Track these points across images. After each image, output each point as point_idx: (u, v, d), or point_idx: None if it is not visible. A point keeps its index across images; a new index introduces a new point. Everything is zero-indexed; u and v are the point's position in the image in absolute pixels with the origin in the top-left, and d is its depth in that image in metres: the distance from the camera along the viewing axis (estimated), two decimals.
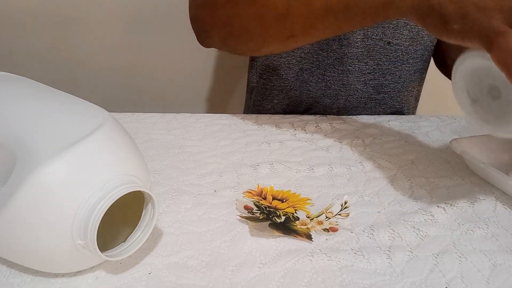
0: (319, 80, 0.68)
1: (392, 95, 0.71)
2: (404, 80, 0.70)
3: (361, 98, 0.70)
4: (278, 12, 0.46)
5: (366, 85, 0.68)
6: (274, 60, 0.69)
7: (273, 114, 0.72)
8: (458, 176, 0.51)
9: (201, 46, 0.60)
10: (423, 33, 0.66)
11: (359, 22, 0.44)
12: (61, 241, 0.29)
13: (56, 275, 0.33)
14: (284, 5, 0.45)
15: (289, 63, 0.68)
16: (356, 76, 0.67)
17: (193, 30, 0.57)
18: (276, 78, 0.70)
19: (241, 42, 0.53)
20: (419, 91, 0.77)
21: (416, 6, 0.39)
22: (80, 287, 0.32)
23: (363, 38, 0.63)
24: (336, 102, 0.69)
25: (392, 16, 0.42)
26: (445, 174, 0.51)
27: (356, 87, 0.68)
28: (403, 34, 0.64)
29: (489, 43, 0.33)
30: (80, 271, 0.34)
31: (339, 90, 0.68)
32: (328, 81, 0.68)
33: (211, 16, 0.52)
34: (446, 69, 0.73)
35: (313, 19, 0.45)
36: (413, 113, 0.79)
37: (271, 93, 0.71)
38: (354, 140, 0.59)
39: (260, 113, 0.72)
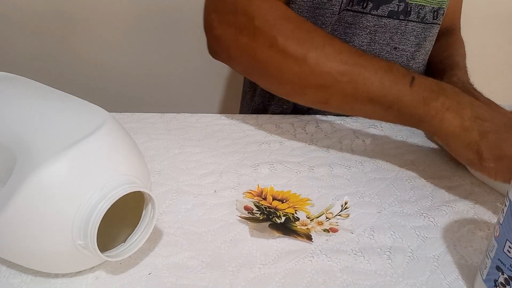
0: None
1: None
2: None
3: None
4: (323, 82, 0.46)
5: None
6: None
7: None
8: (458, 176, 0.51)
9: (201, 46, 0.59)
10: (428, 39, 0.66)
11: (391, 119, 0.47)
12: (61, 241, 0.29)
13: (56, 275, 0.33)
14: (330, 79, 0.46)
15: None
16: None
17: (209, 40, 0.54)
18: None
19: (269, 83, 0.52)
20: None
21: (451, 135, 0.44)
22: (80, 287, 0.32)
23: (369, 42, 0.63)
24: None
25: (424, 129, 0.46)
26: (445, 175, 0.51)
27: None
28: (410, 40, 0.64)
29: None
30: (80, 272, 0.33)
31: None
32: None
33: (247, 50, 0.49)
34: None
35: (353, 100, 0.47)
36: None
37: (282, 97, 0.71)
38: (354, 140, 0.59)
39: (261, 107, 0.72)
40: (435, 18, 0.65)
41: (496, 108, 0.46)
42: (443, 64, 0.68)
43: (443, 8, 0.66)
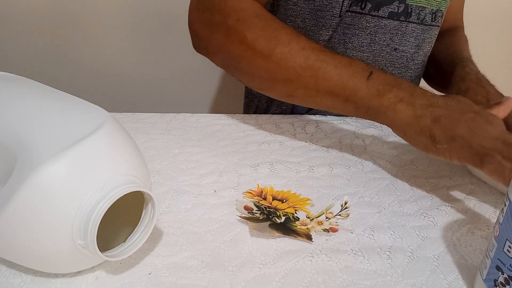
0: None
1: None
2: None
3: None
4: (287, 76, 0.49)
5: None
6: None
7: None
8: (458, 176, 0.51)
9: None
10: (427, 41, 0.66)
11: (351, 112, 0.49)
12: (61, 241, 0.29)
13: (56, 275, 0.33)
14: (294, 73, 0.49)
15: None
16: None
17: (191, 36, 0.57)
18: None
19: (242, 77, 0.55)
20: None
21: (405, 125, 0.45)
22: (80, 287, 0.32)
23: (369, 43, 0.63)
24: None
25: (381, 122, 0.48)
26: (445, 175, 0.51)
27: None
28: (410, 41, 0.64)
29: (478, 162, 0.40)
30: (80, 271, 0.33)
31: None
32: None
33: (222, 46, 0.52)
34: (432, 82, 0.76)
35: (315, 93, 0.49)
36: None
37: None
38: (354, 140, 0.59)
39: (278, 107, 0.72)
40: (433, 20, 0.65)
41: (459, 97, 0.47)
42: (452, 57, 0.68)
43: (441, 10, 0.66)
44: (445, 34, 0.73)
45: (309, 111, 0.71)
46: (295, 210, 0.43)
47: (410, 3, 0.61)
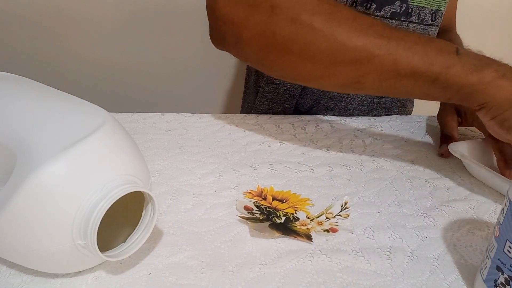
0: None
1: (393, 99, 0.72)
2: None
3: (363, 101, 0.69)
4: (356, 57, 0.42)
5: None
6: None
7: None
8: (458, 176, 0.51)
9: (201, 46, 0.59)
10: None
11: (434, 94, 0.43)
12: (61, 241, 0.29)
13: (56, 275, 0.33)
14: (366, 53, 0.41)
15: None
16: None
17: (213, 24, 0.48)
18: (288, 83, 0.69)
19: (287, 67, 0.46)
20: None
21: (507, 103, 0.40)
22: (80, 287, 0.32)
23: None
24: (338, 103, 0.69)
25: (473, 102, 0.42)
26: (445, 175, 0.51)
27: None
28: None
29: None
30: (80, 271, 0.33)
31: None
32: None
33: (265, 28, 0.43)
34: None
35: (393, 76, 0.42)
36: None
37: (283, 97, 0.70)
38: (354, 140, 0.59)
39: (265, 111, 0.72)
40: (433, 20, 0.65)
41: None
42: None
43: (441, 10, 0.66)
44: (439, 35, 0.73)
45: (310, 111, 0.71)
46: (295, 210, 0.43)
47: (411, 3, 0.61)
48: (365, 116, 0.70)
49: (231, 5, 0.45)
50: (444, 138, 0.57)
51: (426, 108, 0.74)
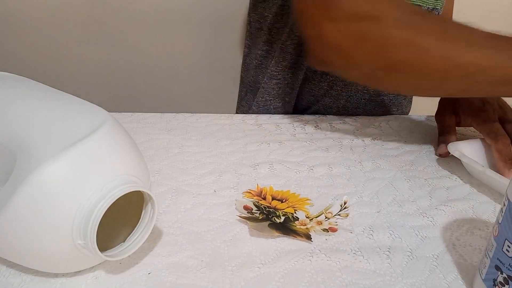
0: (322, 79, 0.68)
1: (390, 98, 0.72)
2: None
3: (361, 99, 0.70)
4: (469, 71, 0.44)
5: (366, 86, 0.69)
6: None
7: (281, 112, 0.72)
8: (457, 176, 0.51)
9: (200, 47, 0.59)
10: None
11: None
12: (61, 241, 0.29)
13: (56, 275, 0.33)
14: (478, 66, 0.44)
15: (297, 62, 0.68)
16: None
17: (319, 50, 0.50)
18: (290, 76, 0.69)
19: (400, 83, 0.49)
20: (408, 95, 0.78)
21: None
22: (80, 287, 0.32)
23: None
24: (336, 102, 0.69)
25: None
26: (444, 175, 0.51)
27: (358, 88, 0.68)
28: None
29: None
30: (80, 271, 0.34)
31: (341, 90, 0.68)
32: (331, 81, 0.68)
33: (374, 54, 0.46)
34: None
35: (501, 82, 0.44)
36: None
37: (284, 91, 0.71)
38: (353, 140, 0.59)
39: (268, 113, 0.72)
40: None
41: None
42: None
43: (437, 9, 0.66)
44: None
45: (308, 109, 0.71)
46: (295, 210, 0.43)
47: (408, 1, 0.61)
48: (363, 115, 0.70)
49: (342, 35, 0.46)
50: (442, 138, 0.57)
51: (425, 108, 0.75)
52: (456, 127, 0.58)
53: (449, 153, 0.53)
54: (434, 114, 0.63)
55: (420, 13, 0.46)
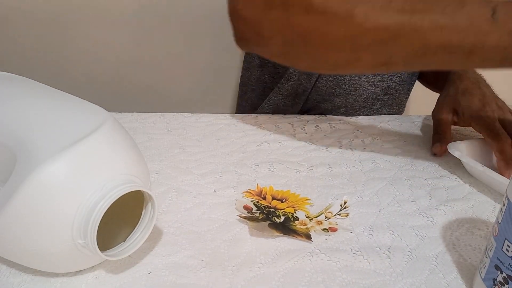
0: (331, 78, 0.68)
1: (395, 97, 0.72)
2: (405, 83, 0.71)
3: (368, 98, 0.70)
4: (379, 38, 0.39)
5: (374, 86, 0.69)
6: None
7: (290, 112, 0.71)
8: (457, 176, 0.51)
9: (201, 46, 0.59)
10: None
11: (475, 66, 0.41)
12: (61, 240, 0.29)
13: (56, 275, 0.33)
14: (388, 33, 0.38)
15: None
16: (367, 76, 0.67)
17: (235, 27, 0.48)
18: (304, 78, 0.69)
19: (313, 59, 0.45)
20: (409, 94, 0.78)
21: None
22: (80, 286, 0.32)
23: None
24: (345, 101, 0.69)
25: None
26: (444, 175, 0.51)
27: (366, 87, 0.68)
28: None
29: None
30: (80, 271, 0.34)
31: (349, 89, 0.68)
32: (340, 80, 0.68)
33: (281, 23, 0.42)
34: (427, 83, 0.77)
35: (422, 53, 0.39)
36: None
37: (297, 91, 0.70)
38: (353, 140, 0.59)
39: (277, 112, 0.72)
40: None
41: None
42: None
43: None
44: None
45: (315, 109, 0.71)
46: (295, 209, 0.43)
47: None
48: (371, 114, 0.70)
49: (249, 5, 0.44)
50: (437, 136, 0.57)
51: (425, 108, 0.75)
52: (456, 127, 0.58)
53: (444, 152, 0.53)
54: None
55: None
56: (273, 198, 0.44)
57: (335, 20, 0.39)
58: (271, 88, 0.73)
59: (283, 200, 0.44)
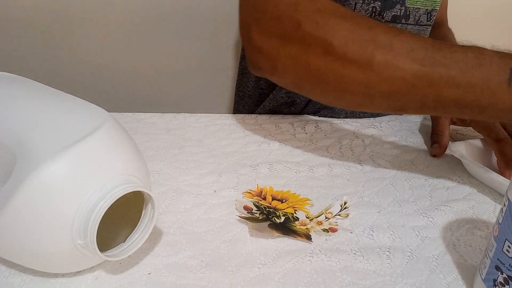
0: None
1: None
2: None
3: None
4: (395, 89, 0.39)
5: None
6: None
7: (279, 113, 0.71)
8: (457, 176, 0.51)
9: (201, 47, 0.59)
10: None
11: (489, 120, 0.42)
12: (61, 241, 0.29)
13: (56, 275, 0.33)
14: (404, 85, 0.39)
15: None
16: None
17: (249, 54, 0.48)
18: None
19: (326, 96, 0.45)
20: None
21: None
22: (80, 287, 0.32)
23: None
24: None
25: None
26: (445, 175, 0.51)
27: None
28: None
29: None
30: (80, 271, 0.34)
31: None
32: None
33: (297, 60, 0.42)
34: None
35: (435, 105, 0.39)
36: None
37: (293, 101, 0.69)
38: (354, 140, 0.59)
39: (268, 113, 0.72)
40: (428, 20, 0.65)
41: None
42: None
43: (435, 9, 0.66)
44: (431, 31, 0.73)
45: (316, 112, 0.71)
46: (295, 210, 0.43)
47: (408, 6, 0.61)
48: (371, 117, 0.70)
49: (265, 37, 0.44)
50: (435, 137, 0.57)
51: None
52: (456, 127, 0.58)
53: (443, 152, 0.53)
54: None
55: (349, 18, 0.41)
56: (273, 199, 0.44)
57: (353, 65, 0.39)
58: (268, 95, 0.73)
59: (283, 201, 0.44)
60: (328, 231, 0.40)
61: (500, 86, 0.37)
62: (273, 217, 0.41)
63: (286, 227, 0.40)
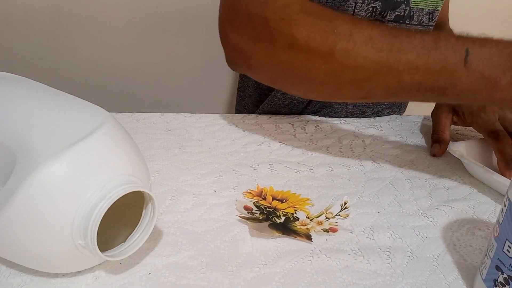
0: None
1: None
2: None
3: (369, 102, 0.69)
4: (358, 76, 0.41)
5: None
6: None
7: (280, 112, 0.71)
8: (457, 176, 0.51)
9: (201, 46, 0.59)
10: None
11: (451, 102, 0.43)
12: (61, 241, 0.29)
13: (56, 275, 0.33)
14: (366, 72, 0.40)
15: None
16: None
17: (226, 51, 0.50)
18: None
19: (298, 89, 0.46)
20: None
21: None
22: (80, 287, 0.32)
23: None
24: (345, 106, 0.69)
25: (498, 100, 0.38)
26: (445, 175, 0.51)
27: None
28: None
29: None
30: (80, 271, 0.33)
31: None
32: None
33: (268, 56, 0.44)
34: None
35: (398, 90, 0.41)
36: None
37: (291, 102, 0.69)
38: (354, 140, 0.59)
39: (271, 113, 0.72)
40: (430, 20, 0.65)
41: None
42: None
43: (437, 10, 0.66)
44: (433, 30, 0.73)
45: (316, 113, 0.71)
46: (295, 210, 0.43)
47: (412, 6, 0.61)
48: (371, 117, 0.70)
49: (239, 35, 0.46)
50: (436, 137, 0.57)
51: (425, 108, 0.75)
52: (456, 127, 0.58)
53: (443, 152, 0.53)
54: None
55: (312, 11, 0.42)
56: (273, 199, 0.44)
57: (317, 56, 0.41)
58: (267, 95, 0.73)
59: (284, 201, 0.44)
60: (329, 231, 0.40)
61: (457, 67, 0.38)
62: (273, 217, 0.41)
63: (287, 227, 0.40)
